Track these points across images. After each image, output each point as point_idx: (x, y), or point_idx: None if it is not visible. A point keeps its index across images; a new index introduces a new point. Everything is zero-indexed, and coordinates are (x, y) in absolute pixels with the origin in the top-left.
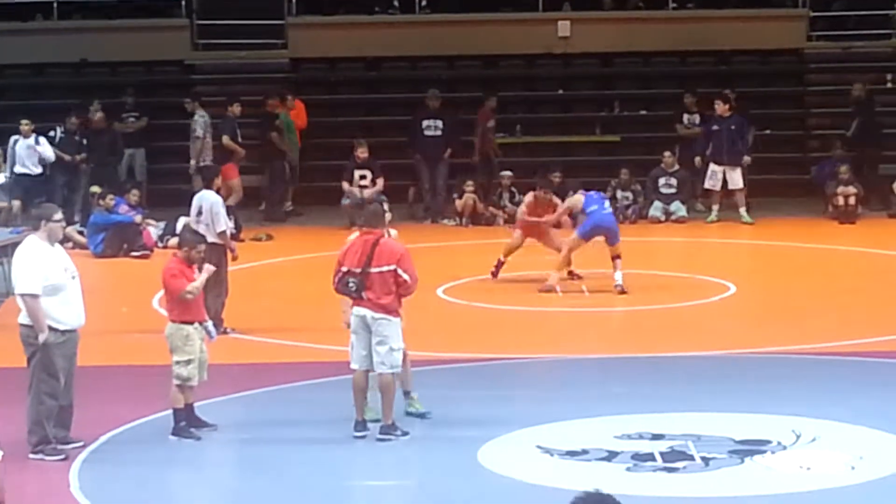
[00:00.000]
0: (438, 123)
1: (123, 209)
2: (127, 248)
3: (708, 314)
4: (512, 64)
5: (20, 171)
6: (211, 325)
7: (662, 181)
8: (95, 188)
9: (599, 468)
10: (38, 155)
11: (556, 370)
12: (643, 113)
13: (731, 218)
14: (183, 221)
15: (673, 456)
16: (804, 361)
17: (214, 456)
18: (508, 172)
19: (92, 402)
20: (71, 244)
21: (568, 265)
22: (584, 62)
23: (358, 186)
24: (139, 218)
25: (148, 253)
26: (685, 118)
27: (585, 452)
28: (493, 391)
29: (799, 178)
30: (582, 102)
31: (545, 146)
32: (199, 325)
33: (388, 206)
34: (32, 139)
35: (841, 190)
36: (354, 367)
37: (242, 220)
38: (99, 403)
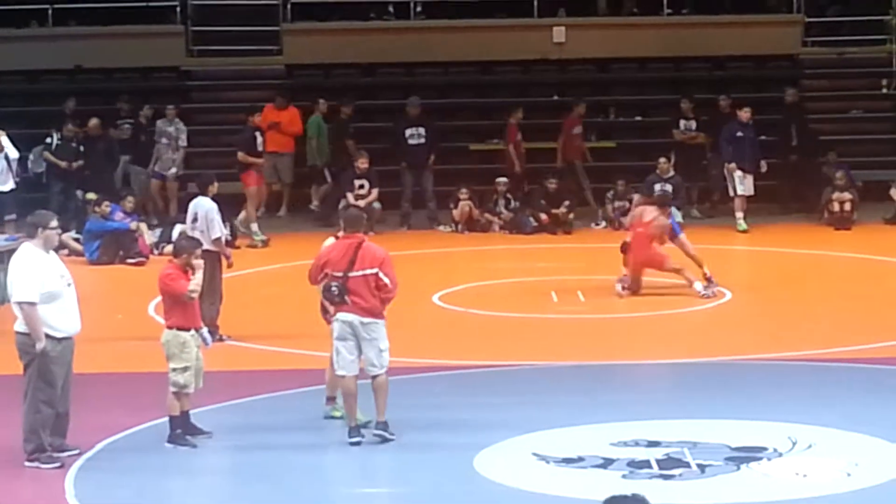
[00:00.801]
0: (421, 131)
1: (119, 216)
2: (122, 255)
3: (704, 321)
4: (507, 70)
5: None
6: (206, 332)
7: (658, 187)
8: (91, 195)
9: (595, 475)
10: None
11: (551, 377)
12: (638, 119)
13: (727, 224)
14: (179, 229)
15: (669, 463)
16: (800, 368)
17: (210, 463)
18: (503, 179)
19: (88, 409)
20: (66, 251)
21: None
22: (579, 68)
23: (356, 196)
24: (135, 225)
25: (143, 260)
26: (681, 124)
27: (581, 460)
28: (488, 398)
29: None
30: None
31: (540, 152)
32: (195, 331)
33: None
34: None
35: (836, 196)
36: (342, 373)
37: (264, 226)
38: (95, 411)
